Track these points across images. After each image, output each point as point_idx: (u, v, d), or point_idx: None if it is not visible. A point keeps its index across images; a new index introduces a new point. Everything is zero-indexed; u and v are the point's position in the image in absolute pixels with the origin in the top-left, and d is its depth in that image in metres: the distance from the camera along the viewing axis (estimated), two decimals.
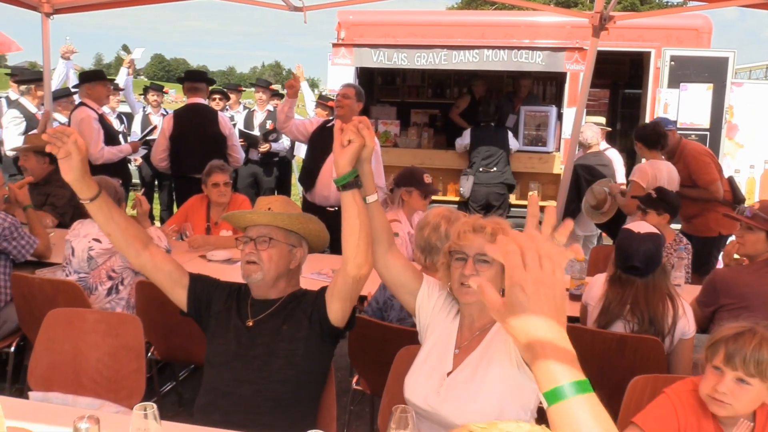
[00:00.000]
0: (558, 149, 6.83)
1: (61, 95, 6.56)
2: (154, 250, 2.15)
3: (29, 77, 6.10)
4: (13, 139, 5.83)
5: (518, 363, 1.79)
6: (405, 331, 2.65)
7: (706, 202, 4.93)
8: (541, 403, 0.98)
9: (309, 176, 4.98)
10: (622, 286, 2.69)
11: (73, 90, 6.84)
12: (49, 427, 1.84)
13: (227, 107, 8.12)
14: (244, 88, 8.85)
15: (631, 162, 6.43)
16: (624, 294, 2.68)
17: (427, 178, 4.08)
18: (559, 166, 6.63)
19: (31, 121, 6.01)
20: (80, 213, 4.87)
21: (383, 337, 2.71)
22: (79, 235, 3.38)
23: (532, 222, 0.99)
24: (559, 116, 6.89)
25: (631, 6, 31.22)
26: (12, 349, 3.48)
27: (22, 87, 6.06)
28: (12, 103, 6.43)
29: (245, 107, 8.57)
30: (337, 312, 2.10)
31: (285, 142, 7.34)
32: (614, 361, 2.61)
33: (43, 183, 4.77)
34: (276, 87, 9.00)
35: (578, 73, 6.33)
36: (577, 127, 4.69)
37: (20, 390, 3.45)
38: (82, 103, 5.41)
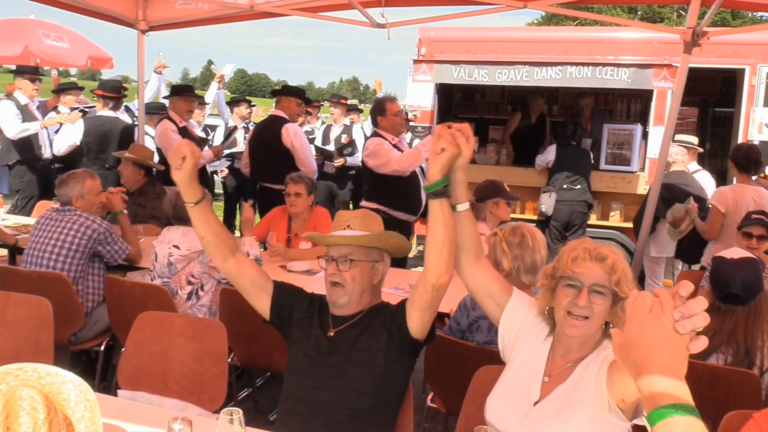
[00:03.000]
0: (642, 169, 6.61)
1: (152, 111, 6.95)
2: (240, 257, 2.22)
3: (111, 92, 6.43)
4: None
5: (610, 405, 1.69)
6: (483, 350, 2.61)
7: None
8: None
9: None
10: (721, 317, 2.54)
11: (160, 103, 7.27)
12: (140, 427, 1.91)
13: (306, 121, 8.30)
14: (321, 103, 9.04)
15: (722, 184, 6.14)
16: (723, 324, 2.53)
17: (506, 186, 4.21)
18: (644, 186, 6.41)
19: None
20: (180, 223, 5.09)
21: (461, 356, 2.68)
22: (163, 241, 3.52)
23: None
24: (644, 135, 6.66)
25: (721, 21, 29.92)
26: (102, 347, 3.66)
27: (109, 103, 6.38)
28: None
29: (323, 122, 8.76)
30: (416, 322, 2.09)
31: (360, 156, 7.44)
32: (706, 395, 2.48)
33: (138, 193, 5.01)
34: (353, 102, 9.17)
35: (665, 90, 6.11)
36: (665, 146, 4.52)
37: (107, 387, 3.61)
38: (167, 116, 5.72)
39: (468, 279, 2.01)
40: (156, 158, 5.41)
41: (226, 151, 7.24)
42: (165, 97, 6.38)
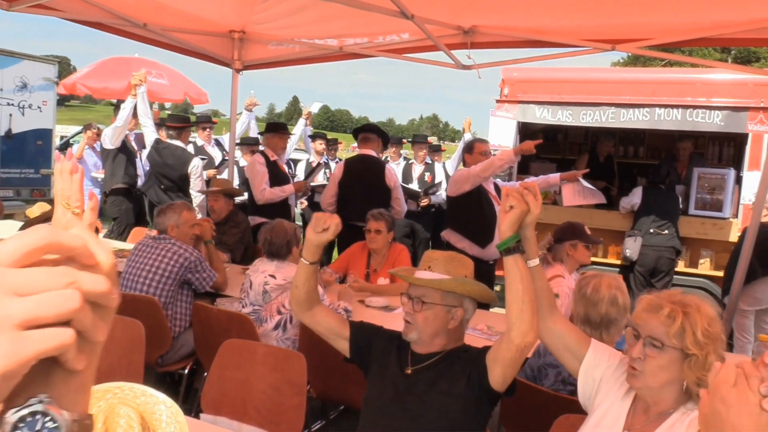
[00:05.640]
0: (735, 215, 6.30)
1: (246, 143, 7.38)
2: (316, 311, 2.36)
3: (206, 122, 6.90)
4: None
5: None
6: (561, 398, 2.55)
7: None
8: None
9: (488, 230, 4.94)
10: None
11: (253, 137, 7.72)
12: None
13: (388, 158, 8.44)
14: (406, 140, 9.16)
15: None
16: None
17: (587, 229, 4.09)
18: (736, 233, 6.10)
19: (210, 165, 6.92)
20: (249, 251, 5.30)
21: (538, 402, 2.62)
22: (257, 271, 3.67)
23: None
24: (738, 180, 6.37)
25: None
26: (186, 371, 3.80)
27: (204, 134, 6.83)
28: (198, 149, 7.29)
29: (405, 158, 8.86)
30: (498, 377, 2.07)
31: (443, 194, 7.47)
32: None
33: (223, 222, 5.23)
34: (432, 139, 9.25)
35: (762, 134, 5.86)
36: (762, 192, 4.31)
37: (188, 410, 3.73)
38: (262, 151, 5.99)
39: (543, 333, 2.00)
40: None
41: (313, 184, 7.45)
42: (260, 133, 6.81)
